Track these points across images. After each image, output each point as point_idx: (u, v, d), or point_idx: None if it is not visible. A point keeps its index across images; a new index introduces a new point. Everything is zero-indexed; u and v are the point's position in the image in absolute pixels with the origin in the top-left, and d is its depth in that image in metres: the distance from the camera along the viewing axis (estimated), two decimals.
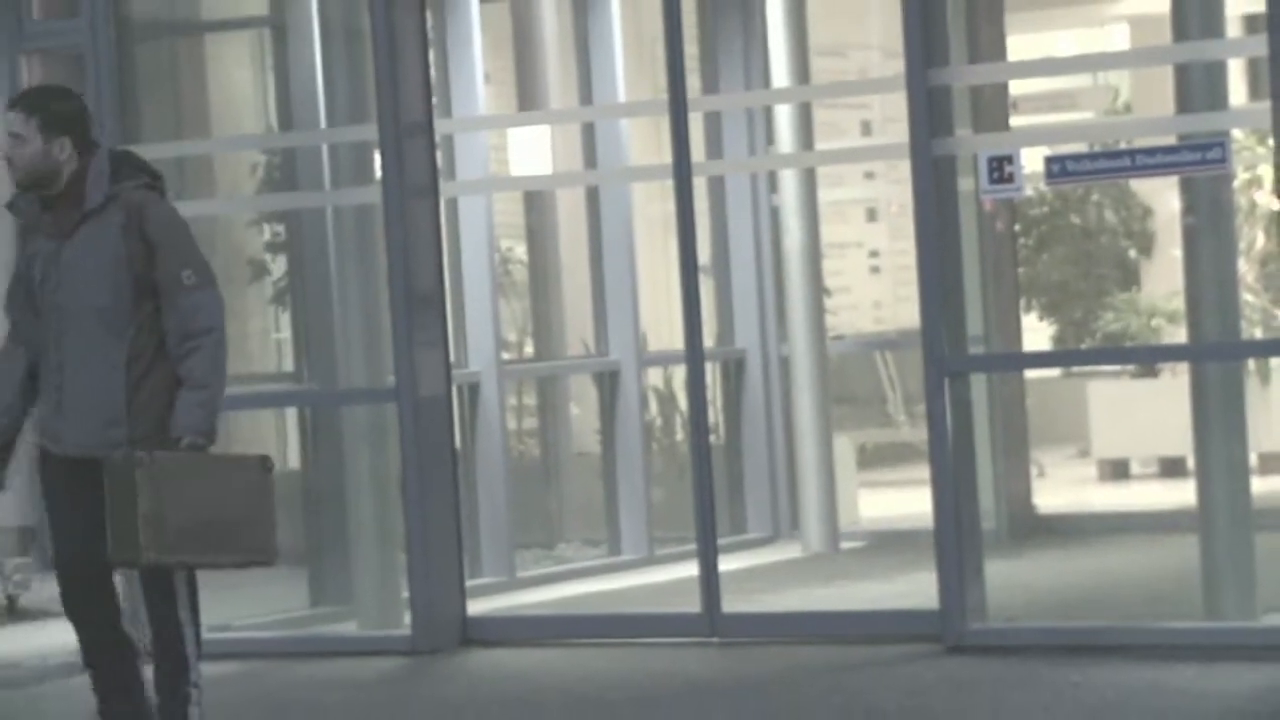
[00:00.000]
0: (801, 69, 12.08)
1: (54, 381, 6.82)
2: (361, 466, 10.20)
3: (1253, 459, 9.26)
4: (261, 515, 6.75)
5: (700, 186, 11.09)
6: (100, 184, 6.79)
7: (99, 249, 6.73)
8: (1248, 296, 13.69)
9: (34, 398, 6.94)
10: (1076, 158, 9.55)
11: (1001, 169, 8.88)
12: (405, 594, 9.84)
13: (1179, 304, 12.14)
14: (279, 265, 11.69)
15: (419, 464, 9.67)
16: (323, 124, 10.38)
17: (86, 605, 6.93)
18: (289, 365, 11.78)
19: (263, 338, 12.32)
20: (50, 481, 6.94)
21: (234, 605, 10.36)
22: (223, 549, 6.74)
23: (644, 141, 12.38)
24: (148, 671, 7.03)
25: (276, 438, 11.59)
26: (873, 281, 16.98)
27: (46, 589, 11.99)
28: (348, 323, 10.33)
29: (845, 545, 12.20)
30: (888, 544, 11.99)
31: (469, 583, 10.09)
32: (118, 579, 7.01)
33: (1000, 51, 11.06)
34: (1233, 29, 9.87)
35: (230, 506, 6.66)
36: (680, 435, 12.73)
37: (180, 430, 6.69)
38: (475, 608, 10.00)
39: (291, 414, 11.26)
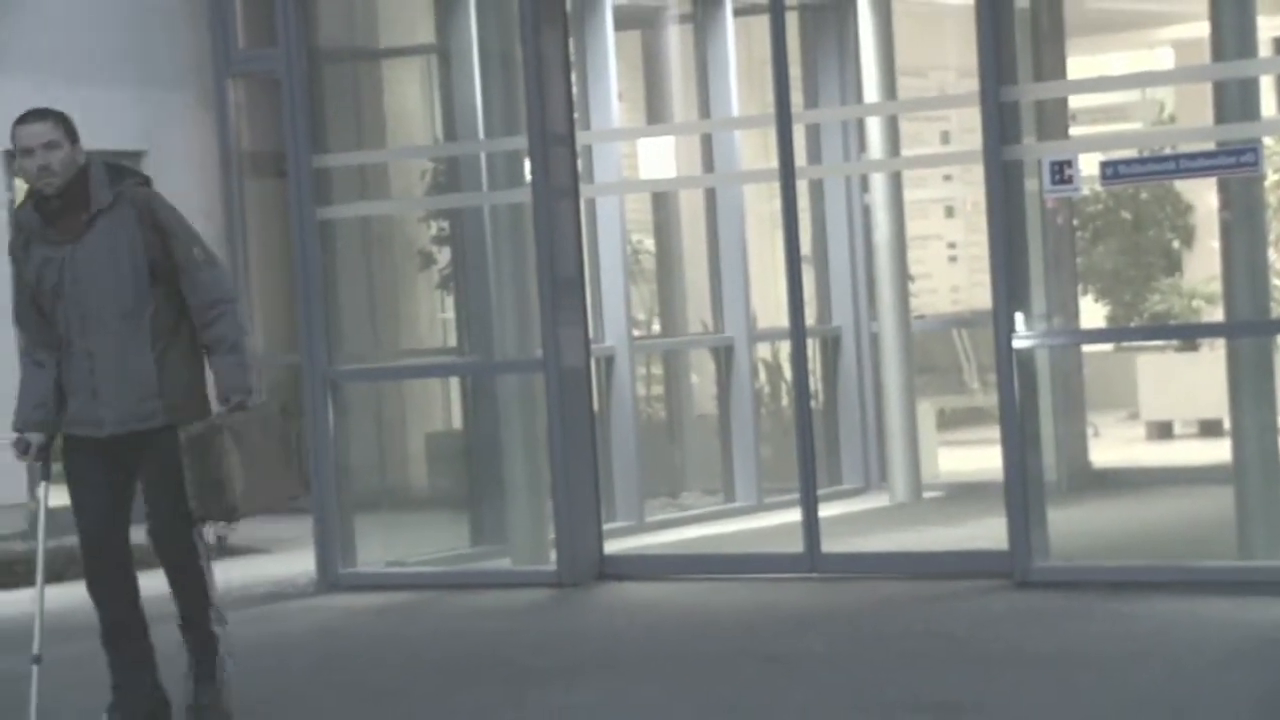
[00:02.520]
0: (889, 87, 12.04)
1: (85, 370, 6.43)
2: (514, 426, 10.24)
3: None
4: (290, 458, 6.59)
5: (802, 188, 11.05)
6: (103, 185, 6.44)
7: (115, 243, 6.40)
8: (1276, 281, 13.50)
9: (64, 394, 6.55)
10: (1127, 162, 9.48)
11: (1062, 172, 8.83)
12: (551, 535, 9.88)
13: (1216, 287, 12.00)
14: (444, 256, 11.75)
15: (563, 424, 9.70)
16: (480, 135, 10.42)
17: (109, 585, 6.51)
18: (453, 340, 11.84)
19: (430, 317, 12.38)
20: (80, 467, 6.51)
21: (407, 545, 10.45)
22: (271, 495, 6.47)
23: (754, 149, 12.34)
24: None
25: (442, 402, 11.66)
26: (950, 269, 16.89)
27: (251, 529, 12.14)
28: (502, 304, 10.37)
29: (927, 495, 12.17)
30: (963, 494, 11.94)
31: (605, 526, 10.12)
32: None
33: (1061, 71, 10.97)
34: (1264, 50, 9.73)
35: (273, 456, 6.42)
36: (785, 400, 12.71)
37: (228, 391, 6.39)
38: (611, 547, 10.04)
39: (455, 382, 11.33)
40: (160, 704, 6.58)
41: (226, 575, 10.73)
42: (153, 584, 6.65)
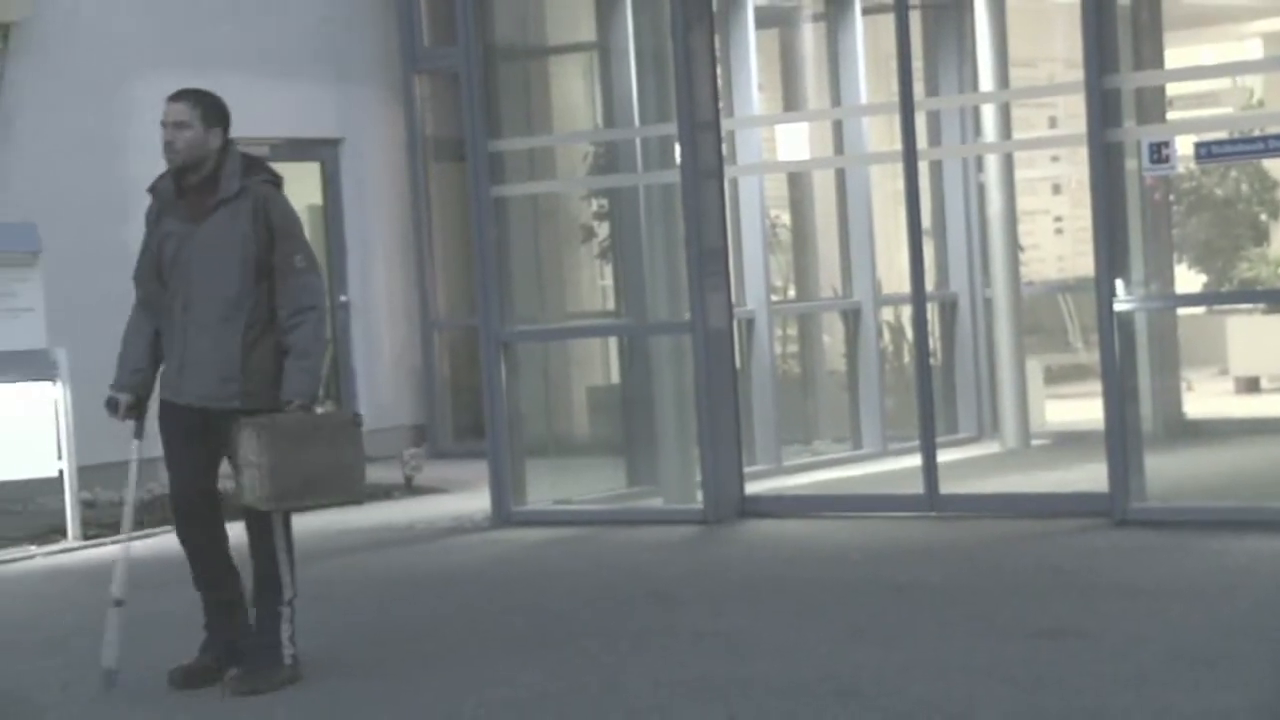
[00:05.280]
0: (1002, 76, 11.91)
1: (180, 342, 6.13)
2: (665, 381, 10.26)
3: None
4: (354, 462, 6.10)
5: (923, 168, 10.94)
6: (235, 176, 6.13)
7: (230, 232, 6.08)
8: None
9: (160, 358, 6.27)
10: (1219, 143, 9.32)
11: (1160, 152, 8.70)
12: (698, 477, 9.89)
13: None
14: (603, 229, 11.78)
15: (708, 379, 9.70)
16: (636, 122, 10.42)
17: (198, 536, 6.22)
18: (611, 305, 11.87)
19: (591, 284, 12.42)
20: (169, 428, 6.19)
21: (571, 486, 10.51)
22: (322, 494, 6.08)
23: (880, 133, 12.27)
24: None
25: (601, 359, 11.70)
26: (1057, 240, 16.68)
27: (435, 471, 12.30)
28: (654, 272, 10.37)
29: (1035, 443, 12.06)
30: (1068, 442, 11.81)
31: (746, 469, 10.12)
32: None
33: (1159, 61, 10.79)
34: None
35: (331, 458, 6.00)
36: (907, 358, 12.64)
37: (290, 395, 6.04)
38: (751, 488, 10.03)
39: (613, 341, 11.36)
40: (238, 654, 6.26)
41: (412, 512, 10.91)
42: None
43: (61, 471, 10.20)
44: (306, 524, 10.59)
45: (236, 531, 6.33)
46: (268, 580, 6.18)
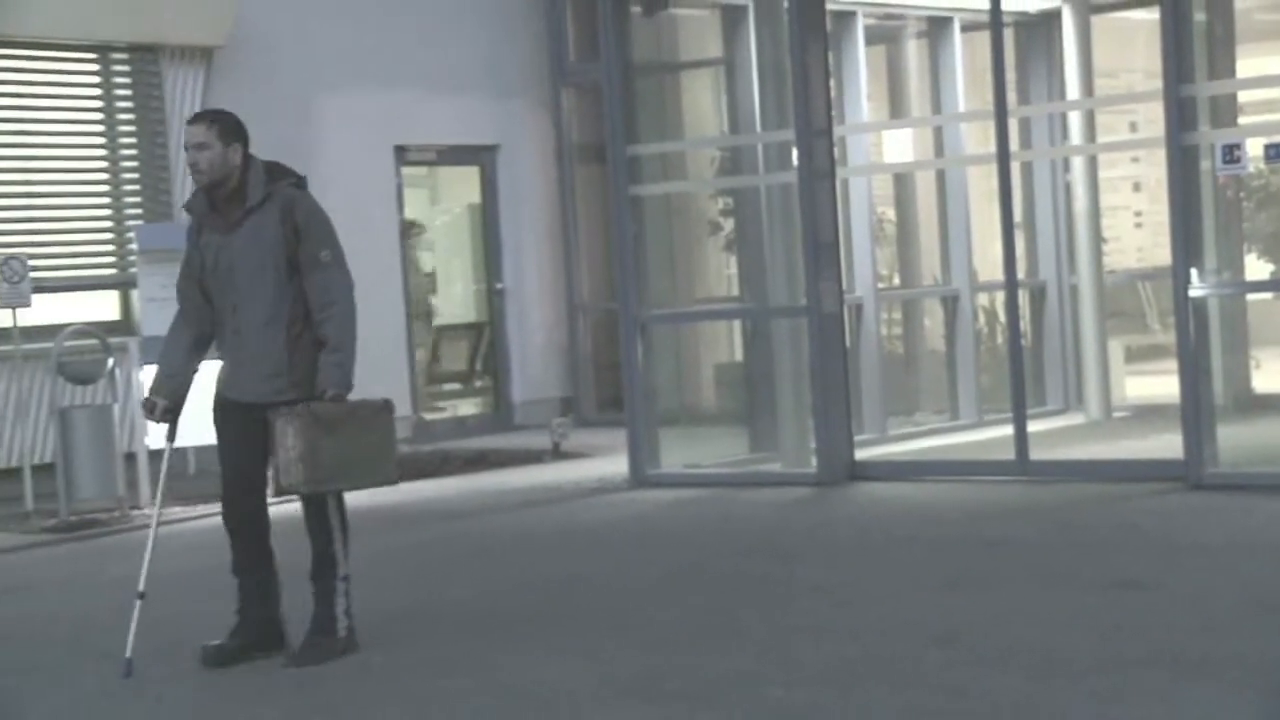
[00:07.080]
0: (1088, 85, 11.75)
1: (233, 344, 5.86)
2: (784, 359, 10.24)
3: None
4: (387, 446, 5.80)
5: (1015, 169, 10.81)
6: (259, 184, 5.84)
7: (261, 236, 5.80)
8: None
9: (198, 363, 5.98)
10: None
11: (1232, 153, 8.56)
12: (812, 444, 9.87)
13: None
14: (728, 224, 11.76)
15: (822, 357, 9.68)
16: (758, 129, 10.40)
17: (243, 522, 5.94)
18: (735, 291, 11.86)
19: (717, 272, 12.41)
20: (223, 422, 5.92)
21: (700, 452, 10.52)
22: (358, 478, 5.78)
23: (976, 138, 12.14)
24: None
25: (727, 339, 11.70)
26: (1137, 233, 16.42)
27: (580, 438, 12.36)
28: (774, 263, 10.35)
29: (1116, 415, 11.91)
30: (1146, 414, 11.65)
31: (856, 437, 10.09)
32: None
33: (1232, 70, 10.57)
34: None
35: (365, 443, 5.72)
36: (1000, 339, 12.50)
37: (323, 386, 5.72)
38: (860, 454, 9.99)
39: (737, 323, 11.36)
40: (273, 633, 5.99)
41: (560, 474, 10.98)
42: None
43: None
44: (470, 486, 10.71)
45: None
46: (324, 559, 5.89)
